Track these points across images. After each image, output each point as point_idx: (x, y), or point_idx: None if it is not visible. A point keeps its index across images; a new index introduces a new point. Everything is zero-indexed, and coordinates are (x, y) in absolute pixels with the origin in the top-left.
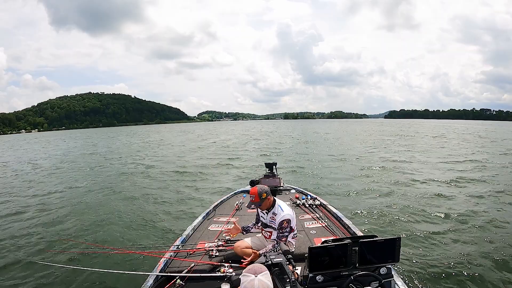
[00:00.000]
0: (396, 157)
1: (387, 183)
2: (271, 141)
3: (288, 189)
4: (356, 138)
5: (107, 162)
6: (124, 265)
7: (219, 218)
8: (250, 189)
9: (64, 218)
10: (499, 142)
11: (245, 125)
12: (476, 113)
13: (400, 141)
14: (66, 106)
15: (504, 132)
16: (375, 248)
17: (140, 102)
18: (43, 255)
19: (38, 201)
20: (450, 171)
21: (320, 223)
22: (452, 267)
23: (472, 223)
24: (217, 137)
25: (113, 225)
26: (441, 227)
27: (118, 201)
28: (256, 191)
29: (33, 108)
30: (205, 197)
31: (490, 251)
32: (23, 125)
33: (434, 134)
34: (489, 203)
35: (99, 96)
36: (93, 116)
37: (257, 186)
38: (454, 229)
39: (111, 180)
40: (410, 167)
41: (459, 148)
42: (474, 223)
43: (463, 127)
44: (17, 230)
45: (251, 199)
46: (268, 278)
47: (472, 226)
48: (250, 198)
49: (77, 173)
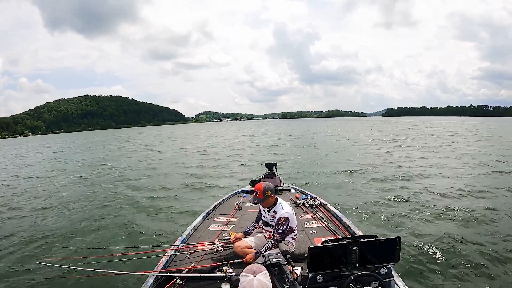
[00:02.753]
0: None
1: (387, 183)
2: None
3: (288, 189)
4: (364, 139)
5: (98, 167)
6: (124, 266)
7: (219, 218)
8: (256, 184)
9: (60, 222)
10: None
11: (235, 128)
12: (474, 109)
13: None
14: (64, 109)
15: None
16: (375, 248)
17: (138, 104)
18: (39, 260)
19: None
20: (463, 171)
21: (320, 223)
22: (453, 267)
23: (476, 224)
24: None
25: (110, 227)
26: (441, 227)
27: (116, 203)
28: (261, 187)
29: (31, 112)
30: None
31: (493, 251)
32: (20, 128)
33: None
34: (496, 204)
35: (96, 99)
36: (91, 118)
37: (263, 182)
38: (455, 230)
39: (106, 183)
40: (418, 166)
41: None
42: (478, 224)
43: (472, 124)
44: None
45: (255, 195)
46: (267, 278)
47: (475, 227)
48: (254, 194)
49: (71, 175)
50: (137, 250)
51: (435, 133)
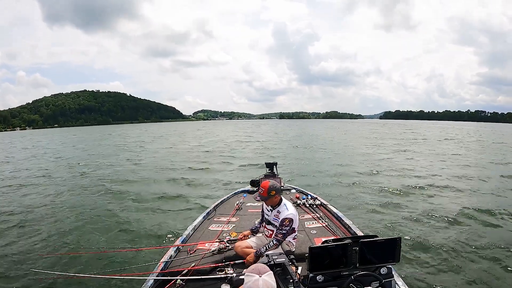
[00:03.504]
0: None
1: (388, 184)
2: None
3: (289, 189)
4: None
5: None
6: (124, 266)
7: (219, 218)
8: (263, 182)
9: (57, 223)
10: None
11: (229, 127)
12: (471, 114)
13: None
14: (61, 103)
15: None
16: (376, 248)
17: (136, 101)
18: (37, 263)
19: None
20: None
21: (320, 223)
22: (453, 267)
23: (476, 225)
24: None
25: (111, 227)
26: (442, 227)
27: (115, 203)
28: (267, 185)
29: (28, 106)
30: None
31: (493, 252)
32: (17, 122)
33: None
34: (498, 206)
35: (94, 94)
36: (88, 114)
37: (269, 180)
38: (456, 230)
39: (102, 183)
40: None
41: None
42: (478, 225)
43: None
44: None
45: (260, 192)
46: (272, 279)
47: (476, 227)
48: (259, 191)
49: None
50: (138, 251)
51: (435, 137)
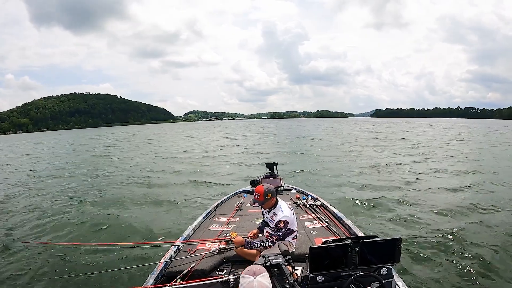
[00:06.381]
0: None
1: (388, 184)
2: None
3: (289, 189)
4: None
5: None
6: (125, 266)
7: (219, 218)
8: (257, 186)
9: (62, 218)
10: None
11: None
12: (461, 111)
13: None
14: (51, 106)
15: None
16: (376, 249)
17: (126, 102)
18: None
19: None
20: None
21: (320, 223)
22: (453, 268)
23: (477, 225)
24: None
25: (112, 225)
26: (442, 228)
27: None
28: (262, 190)
29: (18, 109)
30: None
31: (494, 252)
32: (7, 126)
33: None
34: (503, 206)
35: (84, 97)
36: (79, 116)
37: (264, 184)
38: (456, 230)
39: (107, 181)
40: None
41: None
42: (479, 225)
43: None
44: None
45: (255, 197)
46: (267, 279)
47: (476, 227)
48: (255, 196)
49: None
50: (138, 251)
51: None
